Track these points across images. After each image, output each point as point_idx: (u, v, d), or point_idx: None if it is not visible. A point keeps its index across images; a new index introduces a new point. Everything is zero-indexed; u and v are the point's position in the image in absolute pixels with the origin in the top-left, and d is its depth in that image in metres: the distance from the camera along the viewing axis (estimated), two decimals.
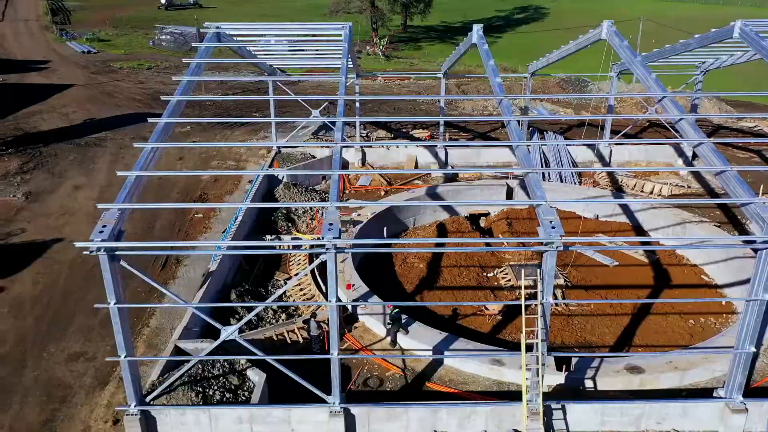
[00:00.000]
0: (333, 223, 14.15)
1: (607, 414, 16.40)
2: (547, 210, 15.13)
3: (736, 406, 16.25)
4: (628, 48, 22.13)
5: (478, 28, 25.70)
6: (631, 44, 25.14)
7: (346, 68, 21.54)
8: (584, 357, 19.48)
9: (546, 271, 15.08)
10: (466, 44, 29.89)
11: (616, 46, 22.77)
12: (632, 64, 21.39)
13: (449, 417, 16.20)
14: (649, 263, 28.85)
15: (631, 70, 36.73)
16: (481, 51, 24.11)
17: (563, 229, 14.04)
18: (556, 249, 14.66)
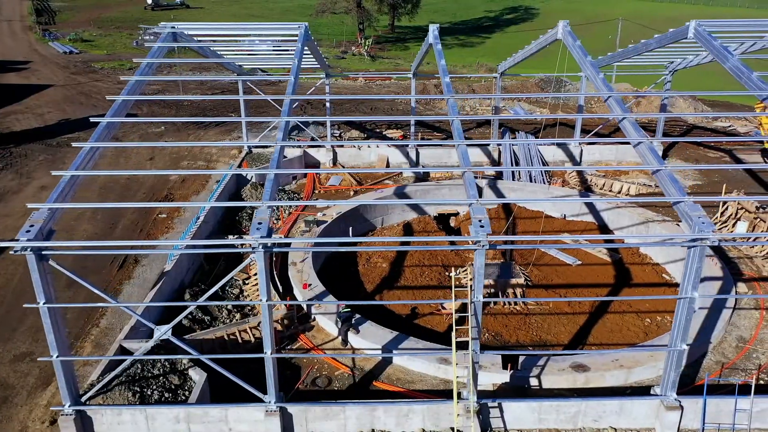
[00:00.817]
0: (262, 222, 14.19)
1: (543, 412, 16.47)
2: (478, 209, 15.20)
3: (671, 404, 16.35)
4: (580, 48, 22.23)
5: (434, 28, 25.77)
6: (611, 44, 25.44)
7: (297, 68, 21.54)
8: (531, 355, 19.57)
9: (476, 270, 15.13)
10: (426, 44, 29.96)
11: (569, 45, 22.87)
12: (583, 64, 21.50)
13: (386, 415, 16.25)
14: (612, 262, 28.97)
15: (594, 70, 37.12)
16: (435, 51, 24.20)
17: (531, 228, 14.21)
18: (483, 248, 14.71)
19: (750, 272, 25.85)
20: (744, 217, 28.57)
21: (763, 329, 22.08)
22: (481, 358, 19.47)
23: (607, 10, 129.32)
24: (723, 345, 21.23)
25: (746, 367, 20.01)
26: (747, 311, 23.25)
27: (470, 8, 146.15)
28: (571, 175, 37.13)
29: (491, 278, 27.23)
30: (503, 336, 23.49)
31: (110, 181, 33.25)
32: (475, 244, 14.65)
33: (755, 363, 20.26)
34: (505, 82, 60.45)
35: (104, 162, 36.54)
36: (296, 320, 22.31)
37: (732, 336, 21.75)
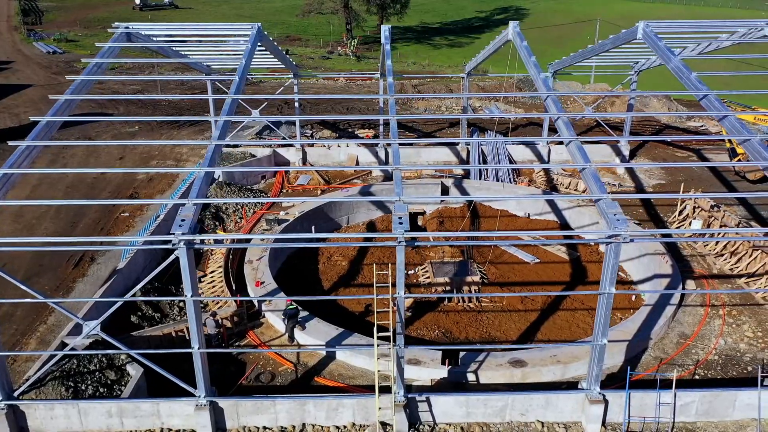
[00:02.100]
0: (186, 219, 14.48)
1: (471, 406, 16.76)
2: (399, 206, 15.50)
3: (595, 398, 16.66)
4: (526, 48, 22.55)
5: (385, 29, 26.09)
6: (590, 44, 25.70)
7: (244, 68, 21.82)
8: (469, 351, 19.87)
9: (397, 265, 15.42)
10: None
11: (517, 45, 23.19)
12: (527, 64, 21.83)
13: (317, 409, 16.55)
14: (570, 260, 29.29)
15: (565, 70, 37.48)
16: (384, 51, 24.48)
17: (494, 227, 14.39)
18: (401, 244, 15.00)
19: (700, 270, 26.17)
20: (699, 215, 28.91)
21: (706, 326, 22.40)
22: (422, 354, 19.85)
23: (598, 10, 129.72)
24: (664, 341, 21.56)
25: (684, 363, 20.32)
26: (693, 308, 23.59)
27: (461, 9, 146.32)
28: (538, 174, 37.48)
29: (447, 276, 27.58)
30: (453, 333, 23.79)
31: (77, 180, 33.51)
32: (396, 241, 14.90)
33: (693, 359, 20.58)
34: (485, 83, 60.90)
35: (74, 161, 36.85)
36: (246, 317, 22.61)
37: (674, 332, 22.08)
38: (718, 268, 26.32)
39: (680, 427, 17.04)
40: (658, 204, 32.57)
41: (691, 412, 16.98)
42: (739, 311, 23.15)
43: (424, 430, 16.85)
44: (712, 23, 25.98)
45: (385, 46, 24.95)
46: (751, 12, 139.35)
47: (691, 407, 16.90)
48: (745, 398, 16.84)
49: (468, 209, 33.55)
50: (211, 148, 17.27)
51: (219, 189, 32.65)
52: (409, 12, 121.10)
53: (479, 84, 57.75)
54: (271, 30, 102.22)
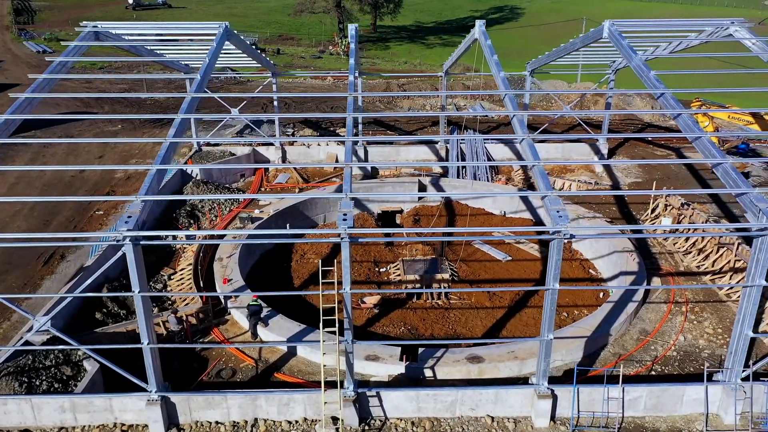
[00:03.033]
0: (132, 216, 14.66)
1: (422, 401, 16.94)
2: (345, 203, 15.67)
3: (543, 393, 16.83)
4: (489, 47, 22.75)
5: (352, 27, 26.24)
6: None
7: (207, 67, 22.00)
8: (428, 347, 20.07)
9: (342, 261, 15.61)
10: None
11: (482, 44, 23.37)
12: (489, 63, 22.01)
13: (268, 404, 16.74)
14: (541, 258, 29.45)
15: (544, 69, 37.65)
16: (350, 49, 24.62)
17: (470, 224, 14.53)
18: (347, 240, 15.19)
19: (668, 267, 26.33)
20: (669, 213, 29.08)
21: (668, 322, 22.56)
22: (381, 350, 20.05)
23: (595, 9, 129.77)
24: (625, 337, 21.72)
25: (642, 359, 20.49)
26: (657, 305, 23.75)
27: (456, 8, 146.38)
28: (517, 172, 37.64)
29: (418, 273, 27.78)
30: (419, 330, 23.95)
31: (55, 179, 33.71)
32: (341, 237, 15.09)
33: (652, 355, 20.74)
34: (472, 81, 61.03)
35: (54, 160, 37.06)
36: (211, 314, 22.80)
37: (636, 329, 22.25)
38: (685, 266, 26.48)
39: (629, 422, 17.22)
40: (631, 202, 32.75)
41: (640, 407, 17.15)
42: (702, 308, 23.31)
43: (376, 424, 17.03)
44: (679, 22, 26.19)
45: (351, 45, 25.10)
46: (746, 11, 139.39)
47: (639, 402, 17.06)
48: (693, 393, 17.02)
49: (445, 208, 33.78)
50: (165, 145, 17.45)
51: (195, 187, 32.87)
52: (405, 11, 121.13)
53: (465, 83, 57.92)
54: (264, 29, 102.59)
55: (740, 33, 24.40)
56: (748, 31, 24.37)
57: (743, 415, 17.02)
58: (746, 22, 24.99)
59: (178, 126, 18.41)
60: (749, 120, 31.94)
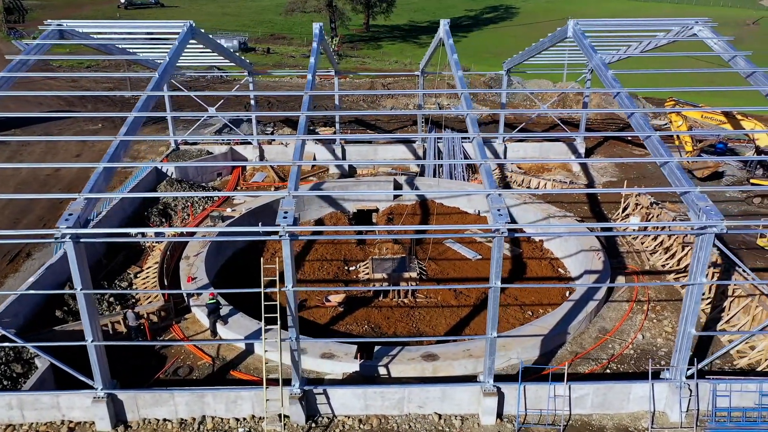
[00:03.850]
0: (73, 213, 14.71)
1: (369, 398, 17.00)
2: (287, 201, 15.73)
3: (489, 390, 16.89)
4: (450, 46, 22.83)
5: (316, 26, 26.28)
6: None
7: (167, 65, 22.05)
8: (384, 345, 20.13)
9: (284, 259, 15.67)
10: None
11: (445, 43, 23.43)
12: (450, 61, 22.06)
13: (216, 401, 16.81)
14: (511, 257, 29.51)
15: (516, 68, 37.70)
16: (312, 48, 24.69)
17: (445, 223, 14.52)
18: (285, 238, 15.25)
19: (633, 266, 26.38)
20: (637, 212, 29.13)
21: (628, 321, 22.62)
22: (335, 348, 20.12)
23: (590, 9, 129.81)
24: (584, 336, 21.78)
25: (599, 357, 20.54)
26: (619, 303, 23.81)
27: (451, 7, 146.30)
28: (494, 171, 37.68)
29: (386, 272, 27.84)
30: (382, 328, 24.00)
31: (31, 178, 33.78)
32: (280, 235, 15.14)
33: (609, 353, 20.80)
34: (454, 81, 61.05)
35: (31, 158, 37.13)
36: (173, 312, 22.88)
37: (595, 327, 22.30)
38: (651, 265, 26.54)
39: (576, 419, 17.27)
40: (604, 201, 32.82)
41: (587, 405, 17.20)
42: (663, 306, 23.37)
43: (323, 422, 17.09)
44: (645, 22, 26.28)
45: (313, 44, 25.15)
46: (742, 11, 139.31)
47: (586, 400, 17.12)
48: (639, 391, 17.07)
49: (420, 206, 33.85)
50: (115, 144, 17.52)
51: (169, 186, 32.93)
52: (399, 10, 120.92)
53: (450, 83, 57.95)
54: (256, 28, 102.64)
55: (704, 33, 24.44)
56: (711, 31, 24.40)
57: (690, 412, 17.08)
58: (709, 22, 25.02)
59: (130, 125, 18.47)
60: (722, 119, 31.98)
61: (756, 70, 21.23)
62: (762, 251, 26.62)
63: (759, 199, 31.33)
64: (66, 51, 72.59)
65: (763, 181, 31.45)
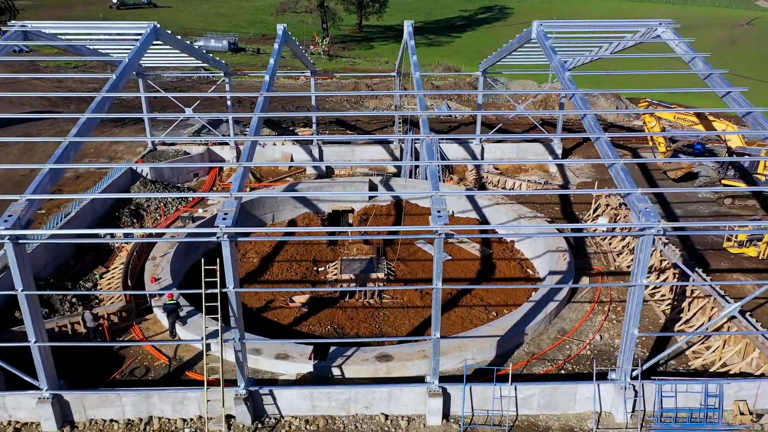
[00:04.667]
0: (12, 215, 14.78)
1: (315, 399, 17.06)
2: (229, 202, 15.79)
3: (435, 391, 16.94)
4: (411, 48, 22.93)
5: (280, 27, 26.34)
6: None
7: (125, 67, 22.13)
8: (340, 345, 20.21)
9: (225, 260, 15.73)
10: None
11: (408, 44, 23.50)
12: (411, 62, 22.14)
13: (162, 402, 16.87)
14: (481, 257, 29.57)
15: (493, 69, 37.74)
16: (273, 49, 24.77)
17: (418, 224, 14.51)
18: (225, 240, 15.30)
19: (599, 267, 26.43)
20: (606, 213, 29.18)
21: (588, 322, 22.67)
22: (290, 348, 20.18)
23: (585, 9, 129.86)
24: (542, 336, 21.83)
25: (555, 358, 20.59)
26: (581, 304, 23.87)
27: (446, 7, 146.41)
28: (471, 171, 37.76)
29: (353, 273, 27.90)
30: (345, 329, 24.07)
31: (5, 178, 33.81)
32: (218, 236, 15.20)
33: (566, 354, 20.85)
34: (441, 82, 61.22)
35: (9, 159, 37.17)
36: (135, 312, 22.96)
37: (555, 328, 22.36)
38: (616, 266, 26.58)
39: (523, 420, 17.32)
40: (577, 202, 32.88)
41: (533, 406, 17.25)
42: (624, 307, 23.33)
43: (270, 422, 17.15)
44: (611, 23, 26.26)
45: (275, 45, 25.21)
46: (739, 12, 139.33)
47: (532, 400, 17.16)
48: (585, 392, 17.12)
49: (394, 207, 33.93)
50: (64, 145, 17.61)
51: (143, 186, 33.01)
52: (394, 10, 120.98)
53: (434, 83, 58.06)
54: (248, 29, 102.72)
55: (667, 34, 24.48)
56: (674, 33, 24.45)
57: (637, 413, 17.12)
58: (672, 23, 25.06)
59: (81, 126, 18.54)
60: (694, 120, 31.98)
61: (713, 72, 21.28)
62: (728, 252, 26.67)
63: (730, 200, 31.36)
64: (55, 51, 72.79)
65: (734, 182, 31.46)
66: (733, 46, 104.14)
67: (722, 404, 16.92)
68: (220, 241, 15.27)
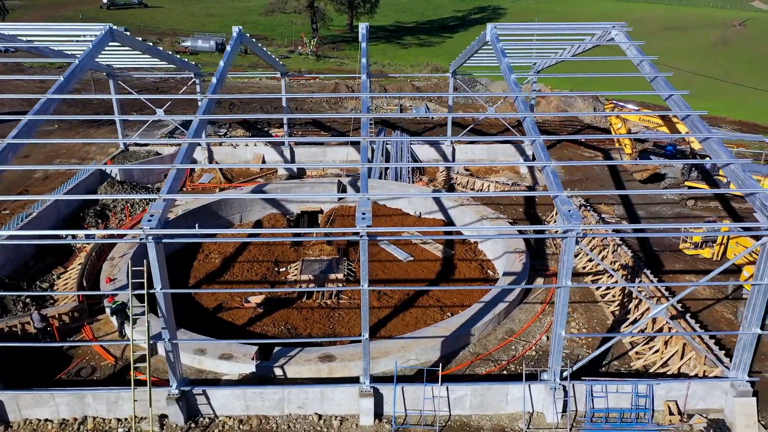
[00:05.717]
0: None
1: (249, 399, 17.21)
2: (156, 204, 15.94)
3: (366, 391, 17.08)
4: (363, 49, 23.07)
5: (235, 29, 26.47)
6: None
7: (77, 67, 22.28)
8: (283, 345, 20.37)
9: (151, 261, 15.86)
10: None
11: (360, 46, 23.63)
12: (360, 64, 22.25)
13: (96, 402, 17.03)
14: (443, 258, 29.70)
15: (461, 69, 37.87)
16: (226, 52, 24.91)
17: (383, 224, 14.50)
18: (150, 241, 15.44)
19: (554, 268, 26.54)
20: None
21: (537, 323, 22.81)
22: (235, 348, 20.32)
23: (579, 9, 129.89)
24: (489, 337, 21.96)
25: (499, 358, 20.72)
26: (532, 305, 24.02)
27: (439, 8, 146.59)
28: (442, 173, 37.91)
29: (313, 273, 28.04)
30: (298, 329, 24.18)
31: None
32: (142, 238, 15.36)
33: (510, 354, 20.98)
34: (421, 83, 61.36)
35: None
36: (87, 313, 23.12)
37: (503, 328, 22.50)
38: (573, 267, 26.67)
39: (456, 420, 17.46)
40: (541, 203, 33.02)
41: (466, 406, 17.38)
42: (574, 308, 23.54)
43: (204, 422, 17.31)
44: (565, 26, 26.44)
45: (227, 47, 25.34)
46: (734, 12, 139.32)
47: (464, 401, 17.30)
48: (517, 392, 17.25)
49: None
50: (2, 145, 17.74)
51: (110, 187, 33.18)
52: (388, 10, 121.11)
53: (414, 83, 58.21)
54: None
55: (619, 37, 24.62)
56: (625, 36, 24.59)
57: (569, 414, 17.26)
58: (625, 27, 25.20)
59: (22, 127, 18.69)
60: (658, 122, 32.10)
61: (657, 75, 21.41)
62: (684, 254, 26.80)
63: (693, 201, 31.50)
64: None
65: (697, 183, 31.60)
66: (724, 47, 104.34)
67: (653, 405, 17.05)
68: (188, 243, 15.38)
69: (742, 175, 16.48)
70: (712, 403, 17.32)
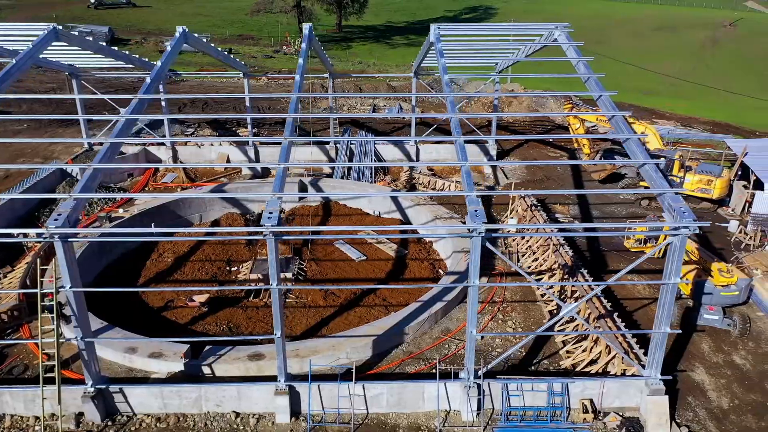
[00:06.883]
0: None
1: (166, 397, 17.31)
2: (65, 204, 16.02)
3: (281, 389, 17.20)
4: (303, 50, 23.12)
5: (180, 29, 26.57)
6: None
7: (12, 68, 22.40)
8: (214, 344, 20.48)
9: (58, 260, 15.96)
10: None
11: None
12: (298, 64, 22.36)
13: (14, 400, 17.16)
14: (395, 257, 29.79)
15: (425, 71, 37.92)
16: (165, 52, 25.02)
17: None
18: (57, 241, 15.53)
19: (501, 267, 26.63)
20: (515, 214, 29.40)
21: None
22: (165, 347, 20.43)
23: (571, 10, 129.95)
24: (424, 336, 22.03)
25: (431, 357, 20.78)
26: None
27: (430, 8, 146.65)
28: (406, 172, 37.97)
29: (262, 272, 28.13)
30: (240, 328, 24.29)
31: None
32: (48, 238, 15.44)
33: (443, 353, 21.05)
34: (399, 83, 61.40)
35: None
36: (27, 311, 23.23)
37: (440, 327, 22.57)
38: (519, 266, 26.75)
39: (373, 418, 17.54)
40: (498, 203, 33.08)
41: (383, 404, 17.47)
42: (513, 308, 23.62)
43: (122, 420, 17.40)
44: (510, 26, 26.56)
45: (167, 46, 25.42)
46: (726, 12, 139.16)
47: (381, 399, 17.39)
48: (434, 391, 17.33)
49: (323, 208, 34.15)
50: None
51: (68, 186, 33.30)
52: (378, 10, 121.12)
53: (391, 84, 58.28)
54: (225, 29, 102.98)
55: (561, 38, 24.71)
56: (566, 37, 24.67)
57: (485, 412, 17.34)
58: (567, 27, 25.28)
59: None
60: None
61: (591, 76, 21.50)
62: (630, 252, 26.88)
63: (647, 201, 31.59)
64: None
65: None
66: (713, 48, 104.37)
67: (569, 403, 17.13)
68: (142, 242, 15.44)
69: (654, 176, 16.56)
70: (628, 402, 17.41)
